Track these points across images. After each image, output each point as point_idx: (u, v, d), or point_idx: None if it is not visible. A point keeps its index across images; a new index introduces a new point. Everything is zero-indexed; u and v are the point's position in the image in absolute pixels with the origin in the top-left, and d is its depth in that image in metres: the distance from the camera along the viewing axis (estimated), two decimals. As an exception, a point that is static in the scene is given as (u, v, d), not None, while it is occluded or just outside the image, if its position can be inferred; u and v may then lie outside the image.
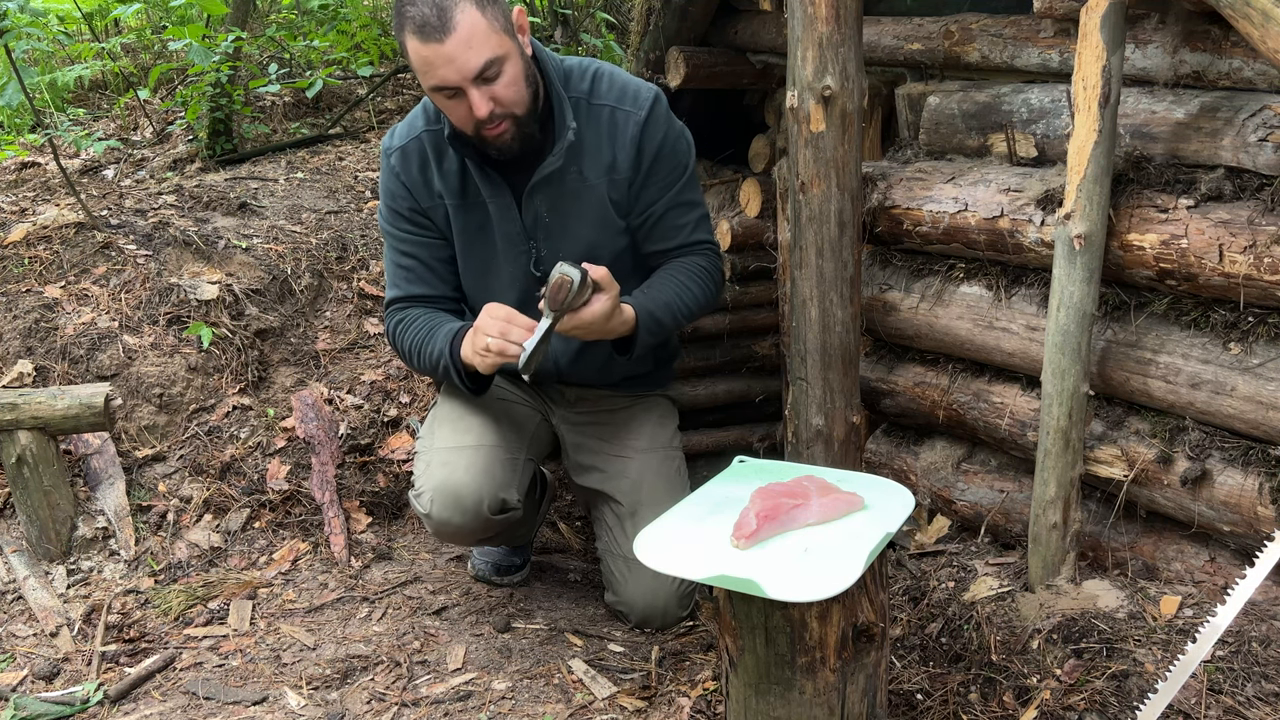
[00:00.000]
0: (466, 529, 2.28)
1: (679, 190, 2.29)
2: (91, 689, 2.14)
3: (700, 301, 2.32)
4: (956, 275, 2.44)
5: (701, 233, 2.36)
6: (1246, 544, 1.95)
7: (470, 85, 1.99)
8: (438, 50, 1.95)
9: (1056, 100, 2.23)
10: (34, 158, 4.65)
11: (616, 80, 2.24)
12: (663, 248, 2.34)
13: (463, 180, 2.24)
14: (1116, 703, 1.78)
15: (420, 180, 2.26)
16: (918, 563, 2.43)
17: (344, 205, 3.92)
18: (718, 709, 2.03)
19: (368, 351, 3.32)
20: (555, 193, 2.23)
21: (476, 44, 1.96)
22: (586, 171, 2.23)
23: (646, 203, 2.28)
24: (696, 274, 2.32)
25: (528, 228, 2.26)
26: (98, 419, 2.58)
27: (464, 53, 1.95)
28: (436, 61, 1.96)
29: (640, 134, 2.21)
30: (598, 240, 2.29)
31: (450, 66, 1.96)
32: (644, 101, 2.22)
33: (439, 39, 1.94)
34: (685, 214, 2.32)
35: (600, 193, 2.25)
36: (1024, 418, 2.31)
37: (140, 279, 3.21)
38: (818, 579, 1.50)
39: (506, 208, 2.24)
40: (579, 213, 2.26)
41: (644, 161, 2.24)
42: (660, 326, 2.25)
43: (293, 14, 5.71)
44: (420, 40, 1.95)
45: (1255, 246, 1.83)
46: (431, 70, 1.98)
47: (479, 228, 2.28)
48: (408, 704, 2.09)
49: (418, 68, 2.01)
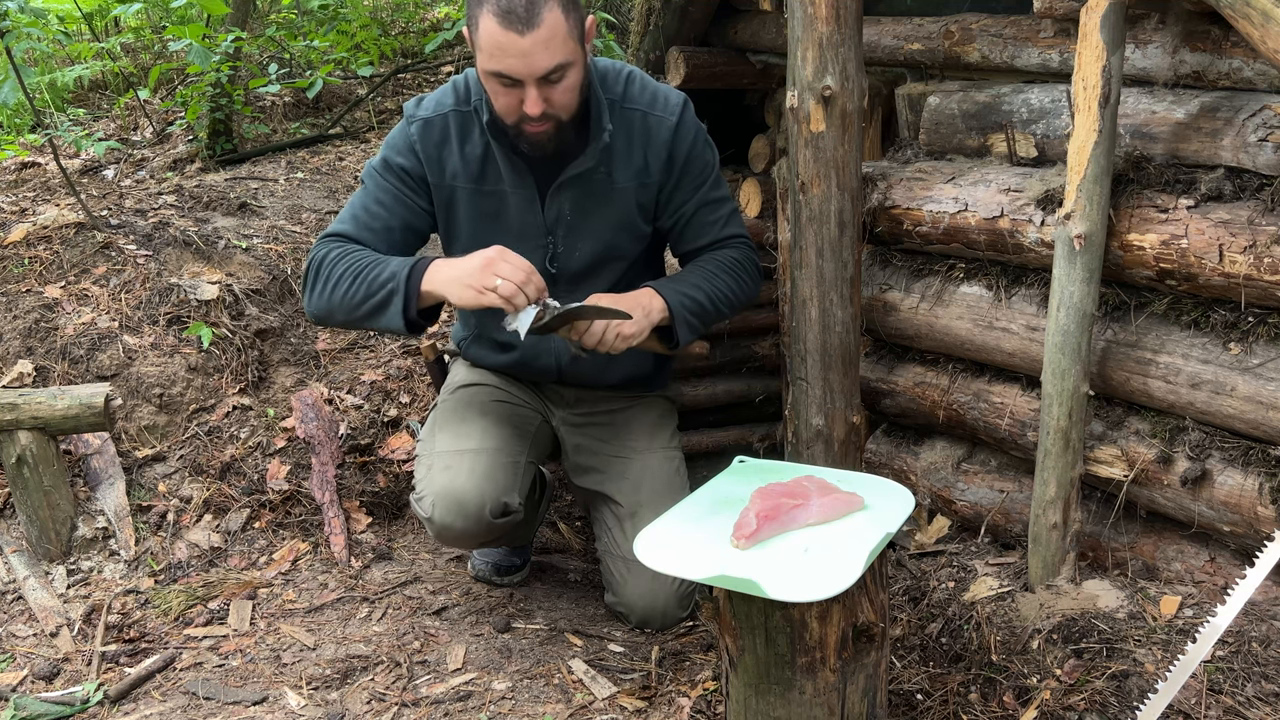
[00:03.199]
0: (469, 533, 2.28)
1: (708, 189, 2.31)
2: (91, 689, 2.14)
3: (734, 289, 2.31)
4: (956, 275, 2.44)
5: (732, 227, 2.36)
6: (1246, 544, 1.95)
7: (532, 83, 1.98)
8: (515, 41, 1.93)
9: (1056, 100, 2.23)
10: (34, 158, 4.65)
11: (647, 85, 2.26)
12: (695, 246, 2.36)
13: (483, 165, 2.23)
14: (1116, 703, 1.78)
15: (435, 156, 2.24)
16: (918, 563, 2.43)
17: (344, 205, 3.92)
18: (718, 709, 2.03)
19: (368, 351, 3.32)
20: (581, 192, 2.23)
21: (554, 46, 1.96)
22: (615, 174, 2.23)
23: (677, 204, 2.30)
24: (727, 265, 2.32)
25: (549, 223, 2.26)
26: (98, 419, 2.58)
27: (540, 51, 1.95)
28: (510, 50, 1.95)
29: (672, 139, 2.23)
30: (616, 242, 2.30)
31: (523, 60, 1.95)
32: (674, 107, 2.24)
33: (520, 30, 1.92)
34: (715, 211, 2.33)
35: (628, 196, 2.26)
36: (1024, 418, 2.31)
37: (140, 279, 3.21)
38: (818, 579, 1.50)
39: (529, 200, 2.24)
40: (602, 214, 2.26)
41: (675, 166, 2.26)
42: (697, 305, 2.24)
43: (293, 14, 5.71)
44: (501, 24, 1.93)
45: (1255, 246, 1.83)
46: (501, 56, 1.96)
47: (492, 215, 2.27)
48: (408, 704, 2.09)
49: (486, 48, 1.98)
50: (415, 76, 5.36)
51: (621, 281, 2.33)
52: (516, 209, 2.25)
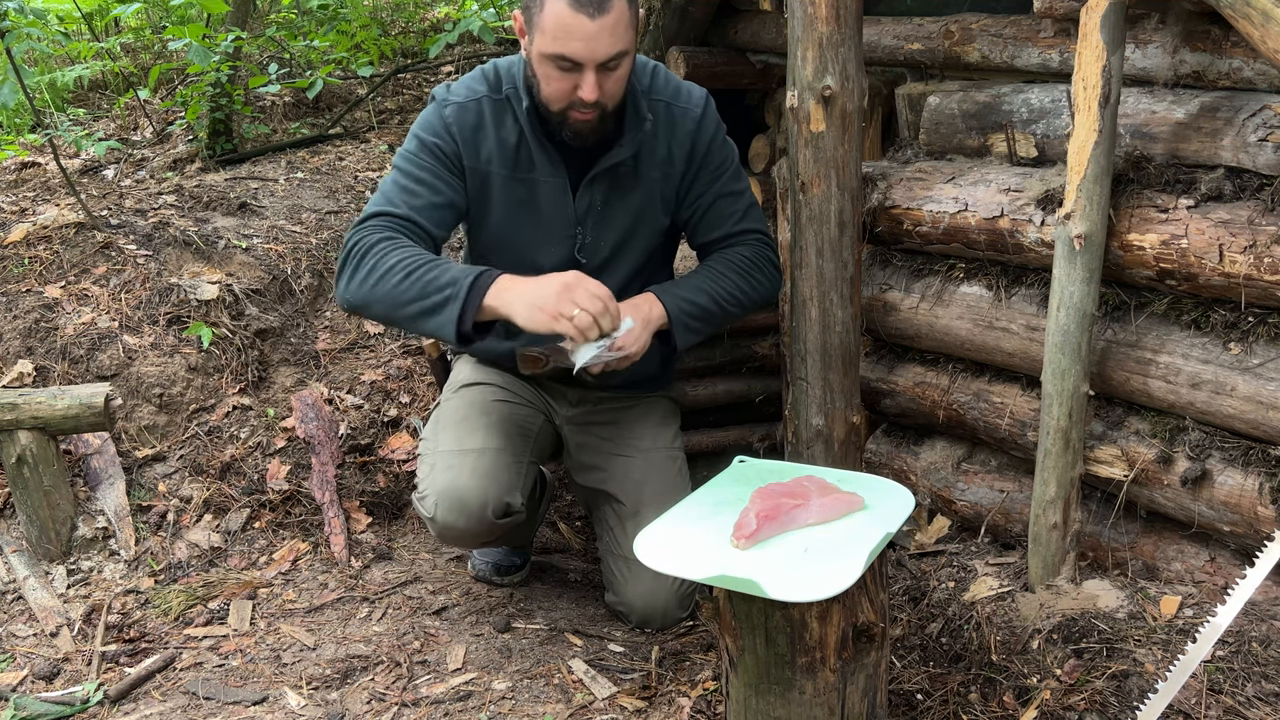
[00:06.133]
0: (471, 532, 2.28)
1: (726, 181, 2.32)
2: (91, 689, 2.14)
3: (744, 289, 2.28)
4: (956, 275, 2.44)
5: (749, 221, 2.33)
6: (1246, 544, 1.95)
7: (592, 68, 1.99)
8: (584, 24, 1.94)
9: (1056, 100, 2.23)
10: (34, 158, 4.65)
11: (670, 79, 2.29)
12: (711, 238, 2.34)
13: (517, 153, 2.23)
14: (1116, 703, 1.78)
15: (471, 139, 2.22)
16: (918, 563, 2.43)
17: (344, 205, 3.92)
18: (718, 709, 2.03)
19: (368, 351, 3.32)
20: (611, 183, 2.25)
21: (619, 33, 1.98)
22: (642, 165, 2.25)
23: (695, 195, 2.31)
24: (736, 264, 2.29)
25: (579, 214, 2.26)
26: (98, 419, 2.58)
27: (606, 37, 1.96)
28: (578, 34, 1.95)
29: (696, 130, 2.26)
30: (636, 232, 2.31)
31: (588, 43, 1.96)
32: (697, 100, 2.27)
33: (591, 13, 1.94)
34: (732, 203, 2.32)
35: (652, 188, 2.27)
36: (1024, 418, 2.31)
37: (140, 279, 3.20)
38: (818, 579, 1.50)
39: (561, 190, 2.24)
40: (627, 205, 2.27)
41: (697, 157, 2.27)
42: (698, 308, 2.23)
43: (293, 14, 5.71)
44: (571, 7, 1.94)
45: (1255, 246, 1.83)
46: (567, 39, 1.96)
47: (523, 202, 2.27)
48: (408, 704, 2.09)
49: (550, 30, 1.97)
50: (415, 77, 5.36)
51: (637, 274, 2.34)
52: (547, 198, 2.25)
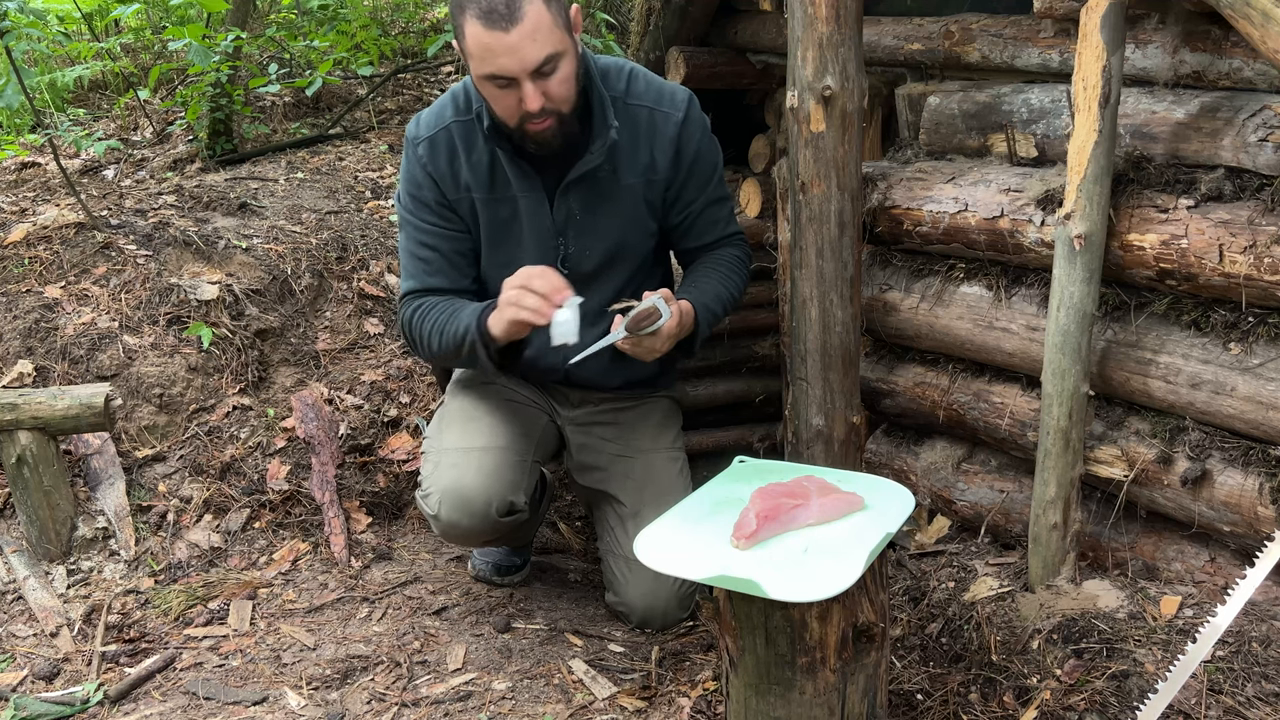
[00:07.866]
0: (474, 531, 2.28)
1: (714, 187, 2.34)
2: (91, 689, 2.14)
3: (742, 289, 2.39)
4: (956, 275, 2.44)
5: (734, 225, 2.42)
6: (1246, 544, 1.95)
7: (527, 78, 1.98)
8: (501, 39, 1.94)
9: (1056, 100, 2.23)
10: (34, 158, 4.65)
11: (652, 81, 2.27)
12: (700, 244, 2.39)
13: (491, 173, 2.23)
14: (1116, 703, 1.78)
15: (448, 172, 2.24)
16: (918, 563, 2.43)
17: (344, 205, 3.92)
18: (718, 709, 2.03)
19: (368, 351, 3.32)
20: (589, 191, 2.24)
21: (540, 37, 1.96)
22: (621, 171, 2.24)
23: (686, 202, 2.32)
24: (735, 265, 2.38)
25: (558, 224, 2.26)
26: (98, 419, 2.58)
27: (528, 44, 1.95)
28: (498, 50, 1.95)
29: (679, 135, 2.24)
30: (626, 240, 2.31)
31: (512, 57, 1.95)
32: (680, 103, 2.25)
33: (504, 27, 1.93)
34: (720, 209, 2.37)
35: (635, 193, 2.26)
36: (1024, 418, 2.31)
37: (140, 279, 3.20)
38: (818, 579, 1.50)
39: (538, 203, 2.24)
40: (611, 212, 2.27)
41: (683, 162, 2.26)
42: (715, 319, 2.30)
43: (293, 14, 5.71)
44: (484, 26, 1.93)
45: (1255, 246, 1.83)
46: (491, 58, 1.97)
47: (505, 222, 2.28)
48: (408, 704, 2.09)
49: (475, 54, 1.99)
50: (415, 76, 5.36)
51: (631, 280, 2.33)
52: (527, 213, 2.25)
